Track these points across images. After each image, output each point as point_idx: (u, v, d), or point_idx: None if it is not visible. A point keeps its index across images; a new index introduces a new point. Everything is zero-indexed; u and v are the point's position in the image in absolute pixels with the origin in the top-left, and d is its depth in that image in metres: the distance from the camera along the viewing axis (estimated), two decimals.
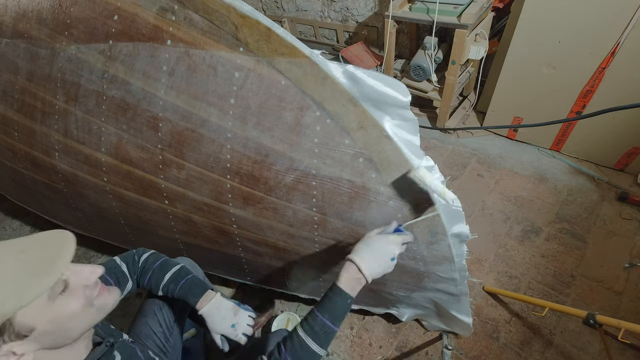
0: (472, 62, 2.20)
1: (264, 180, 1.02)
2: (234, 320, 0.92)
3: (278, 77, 0.94)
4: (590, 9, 1.50)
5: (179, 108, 1.04)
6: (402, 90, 0.90)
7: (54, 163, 1.34)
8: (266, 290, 1.50)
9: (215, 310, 0.91)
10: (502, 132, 2.16)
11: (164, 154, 1.10)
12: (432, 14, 1.84)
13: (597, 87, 1.66)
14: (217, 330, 0.91)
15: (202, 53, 0.99)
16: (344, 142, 0.94)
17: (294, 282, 1.34)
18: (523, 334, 1.38)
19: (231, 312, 0.93)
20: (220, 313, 0.91)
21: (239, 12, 0.92)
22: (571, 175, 1.89)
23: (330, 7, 2.75)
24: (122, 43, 1.09)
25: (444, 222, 0.99)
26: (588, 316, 0.99)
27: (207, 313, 0.90)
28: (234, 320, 0.92)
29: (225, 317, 0.91)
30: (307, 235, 1.08)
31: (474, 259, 1.63)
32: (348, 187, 0.97)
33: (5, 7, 1.35)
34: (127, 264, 0.95)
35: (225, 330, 0.91)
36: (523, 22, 1.69)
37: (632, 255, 1.53)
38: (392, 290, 1.21)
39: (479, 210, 1.82)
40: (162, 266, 0.97)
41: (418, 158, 0.94)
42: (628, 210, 1.68)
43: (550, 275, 1.53)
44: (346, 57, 2.62)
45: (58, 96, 1.23)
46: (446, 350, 1.29)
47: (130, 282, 0.94)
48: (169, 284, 0.94)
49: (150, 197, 1.21)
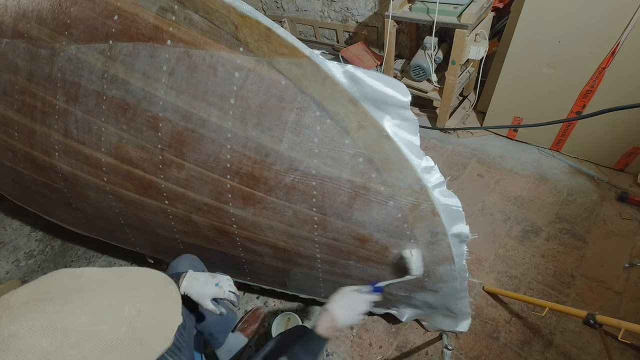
0: (472, 62, 2.20)
1: (264, 180, 1.02)
2: (214, 281, 0.95)
3: (278, 77, 0.94)
4: (590, 9, 1.50)
5: (179, 108, 1.04)
6: (402, 90, 0.90)
7: (54, 163, 1.34)
8: (266, 290, 1.50)
9: (193, 281, 0.94)
10: (502, 132, 2.16)
11: (164, 154, 1.10)
12: (432, 14, 1.84)
13: (597, 87, 1.66)
14: (205, 295, 0.93)
15: (202, 53, 0.99)
16: (344, 142, 0.94)
17: (294, 282, 1.34)
18: (523, 334, 1.38)
19: (209, 277, 0.96)
20: (199, 281, 0.94)
21: (239, 12, 0.92)
22: (571, 175, 1.89)
23: (330, 7, 2.75)
24: (122, 43, 1.09)
25: (444, 222, 0.99)
26: (588, 316, 0.99)
27: (187, 286, 0.93)
28: (215, 281, 0.95)
29: (207, 282, 0.94)
30: (307, 235, 1.08)
31: (474, 259, 1.63)
32: (348, 187, 0.97)
33: (5, 7, 1.35)
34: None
35: (211, 291, 0.93)
36: (523, 22, 1.69)
37: (632, 255, 1.53)
38: (392, 290, 1.21)
39: (479, 210, 1.82)
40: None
41: (418, 158, 0.95)
42: (628, 210, 1.68)
43: (550, 275, 1.53)
44: (346, 57, 2.62)
45: (58, 96, 1.23)
46: (446, 350, 1.29)
47: None
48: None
49: (150, 197, 1.21)
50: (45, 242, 2.10)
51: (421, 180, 0.94)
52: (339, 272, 1.18)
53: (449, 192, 0.98)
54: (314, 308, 1.57)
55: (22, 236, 2.16)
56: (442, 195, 0.98)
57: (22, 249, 2.09)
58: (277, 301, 1.62)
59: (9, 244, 2.12)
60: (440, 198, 0.97)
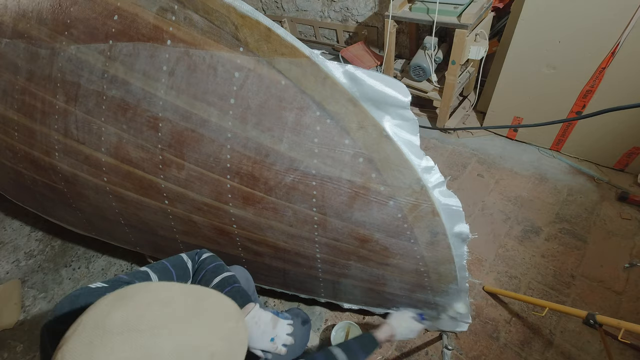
0: (472, 62, 2.20)
1: (264, 180, 1.02)
2: (272, 333, 0.88)
3: (278, 77, 0.94)
4: (590, 9, 1.50)
5: (179, 108, 1.04)
6: (402, 90, 0.90)
7: (54, 163, 1.34)
8: (266, 290, 1.50)
9: (253, 326, 0.87)
10: (502, 132, 2.16)
11: (164, 154, 1.10)
12: (432, 14, 1.84)
13: (597, 87, 1.66)
14: (257, 347, 0.87)
15: (202, 53, 0.99)
16: (344, 142, 0.94)
17: (294, 282, 1.34)
18: (523, 334, 1.38)
19: (270, 324, 0.89)
20: (260, 328, 0.87)
21: (239, 12, 0.92)
22: (571, 175, 1.89)
23: (330, 7, 2.75)
24: (122, 43, 1.09)
25: (444, 222, 0.99)
26: (588, 316, 0.99)
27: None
28: (272, 334, 0.88)
29: (265, 332, 0.87)
30: (307, 235, 1.08)
31: (474, 259, 1.63)
32: (348, 187, 0.97)
33: (5, 7, 1.35)
34: (192, 261, 0.96)
35: (265, 345, 0.87)
36: (523, 22, 1.69)
37: (632, 255, 1.53)
38: (392, 290, 1.21)
39: (479, 210, 1.82)
40: (215, 269, 0.96)
41: (418, 158, 0.95)
42: (628, 210, 1.68)
43: (550, 275, 1.53)
44: (346, 57, 2.62)
45: (58, 96, 1.23)
46: (446, 350, 1.29)
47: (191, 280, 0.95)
48: (215, 287, 0.91)
49: (150, 197, 1.21)
50: (45, 242, 2.10)
51: (421, 180, 0.94)
52: (339, 272, 1.18)
53: (449, 192, 0.98)
54: (314, 308, 1.57)
55: (22, 236, 2.15)
56: (442, 195, 0.98)
57: (22, 249, 2.09)
58: (277, 301, 1.62)
59: (9, 244, 2.12)
60: (440, 198, 0.98)
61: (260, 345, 0.87)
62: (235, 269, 1.10)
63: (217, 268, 0.96)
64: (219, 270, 0.96)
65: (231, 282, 0.93)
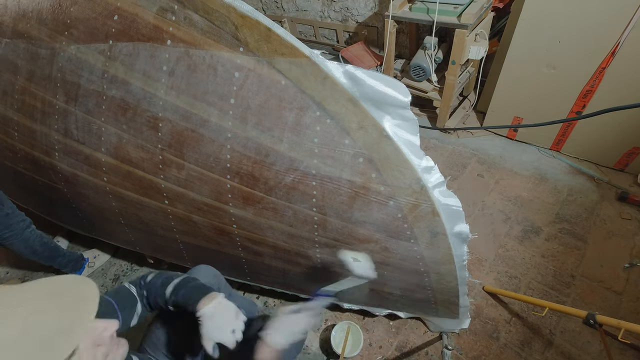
0: (472, 62, 2.20)
1: (264, 180, 1.02)
2: (235, 324, 0.82)
3: (278, 77, 0.94)
4: (590, 9, 1.50)
5: (179, 108, 1.04)
6: (402, 90, 0.90)
7: (54, 163, 1.34)
8: (266, 290, 1.50)
9: (217, 313, 0.81)
10: (502, 132, 2.16)
11: (164, 154, 1.10)
12: (432, 14, 1.84)
13: (597, 87, 1.66)
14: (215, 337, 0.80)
15: (202, 53, 0.99)
16: (344, 142, 0.94)
17: (294, 282, 1.34)
18: (523, 334, 1.38)
19: (234, 315, 0.83)
20: (223, 316, 0.82)
21: (239, 12, 0.92)
22: (571, 175, 1.89)
23: (330, 7, 2.75)
24: (122, 43, 1.09)
25: (444, 222, 0.99)
26: (588, 316, 0.99)
27: (208, 315, 0.80)
28: (235, 325, 0.82)
29: (228, 321, 0.82)
30: (307, 235, 1.08)
31: (474, 259, 1.63)
32: (348, 187, 0.97)
33: (5, 7, 1.35)
34: (136, 287, 0.93)
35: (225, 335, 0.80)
36: (523, 22, 1.69)
37: (632, 255, 1.53)
38: (393, 290, 1.21)
39: (479, 210, 1.82)
40: (163, 282, 0.92)
41: (418, 158, 0.95)
42: (628, 210, 1.68)
43: (550, 275, 1.53)
44: (346, 57, 2.62)
45: (58, 96, 1.23)
46: (446, 350, 1.29)
47: (140, 305, 0.92)
48: (171, 297, 0.88)
49: (150, 197, 1.21)
50: None
51: (421, 180, 0.94)
52: (339, 272, 1.18)
53: (449, 192, 0.98)
54: None
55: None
56: (442, 195, 0.98)
57: None
58: (277, 301, 1.62)
59: None
60: (440, 198, 0.97)
61: (220, 335, 0.80)
62: (199, 268, 1.06)
63: (165, 280, 0.93)
64: (169, 280, 0.92)
65: (184, 283, 0.90)
